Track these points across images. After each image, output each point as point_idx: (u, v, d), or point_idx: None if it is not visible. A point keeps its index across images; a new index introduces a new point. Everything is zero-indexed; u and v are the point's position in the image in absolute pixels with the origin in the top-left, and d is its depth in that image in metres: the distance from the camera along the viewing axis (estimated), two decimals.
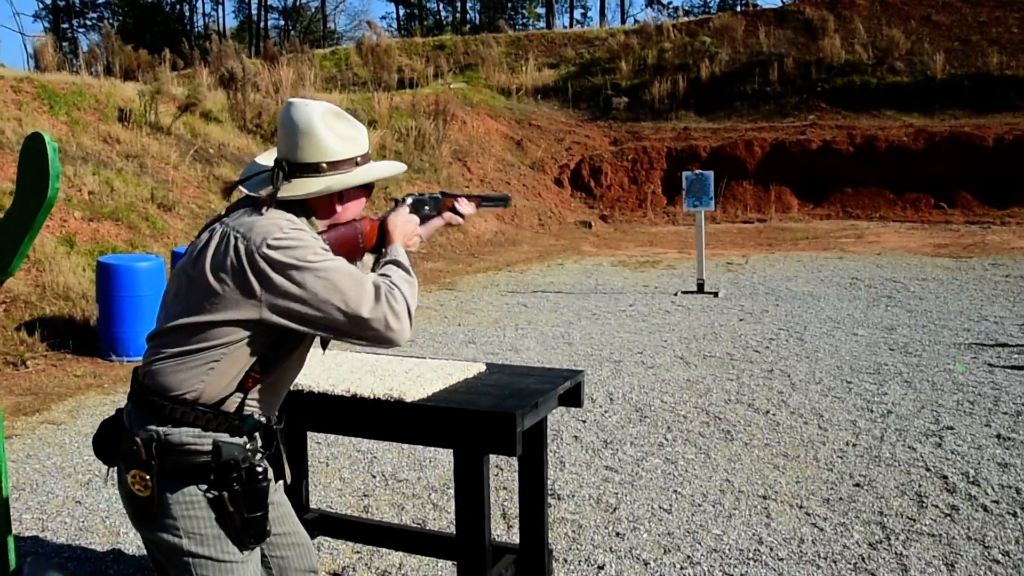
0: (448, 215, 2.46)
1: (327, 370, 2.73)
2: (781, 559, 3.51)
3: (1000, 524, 3.82)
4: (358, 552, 3.66)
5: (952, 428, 5.19)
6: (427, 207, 2.40)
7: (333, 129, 2.03)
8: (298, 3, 50.34)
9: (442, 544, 3.04)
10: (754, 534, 3.77)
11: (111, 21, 44.41)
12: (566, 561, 3.54)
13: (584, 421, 5.53)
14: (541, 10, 49.27)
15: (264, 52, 21.76)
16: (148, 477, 1.88)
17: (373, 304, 1.88)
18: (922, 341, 7.62)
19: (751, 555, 3.56)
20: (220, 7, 67.33)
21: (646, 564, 3.51)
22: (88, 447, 5.07)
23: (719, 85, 25.10)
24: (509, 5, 50.50)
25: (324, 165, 2.01)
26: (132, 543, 3.84)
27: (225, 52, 18.21)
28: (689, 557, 3.56)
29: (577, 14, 53.22)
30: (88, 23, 49.17)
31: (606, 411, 5.78)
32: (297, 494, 3.06)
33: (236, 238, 1.88)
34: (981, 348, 7.32)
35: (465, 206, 2.49)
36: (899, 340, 7.69)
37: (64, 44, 35.08)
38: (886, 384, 6.24)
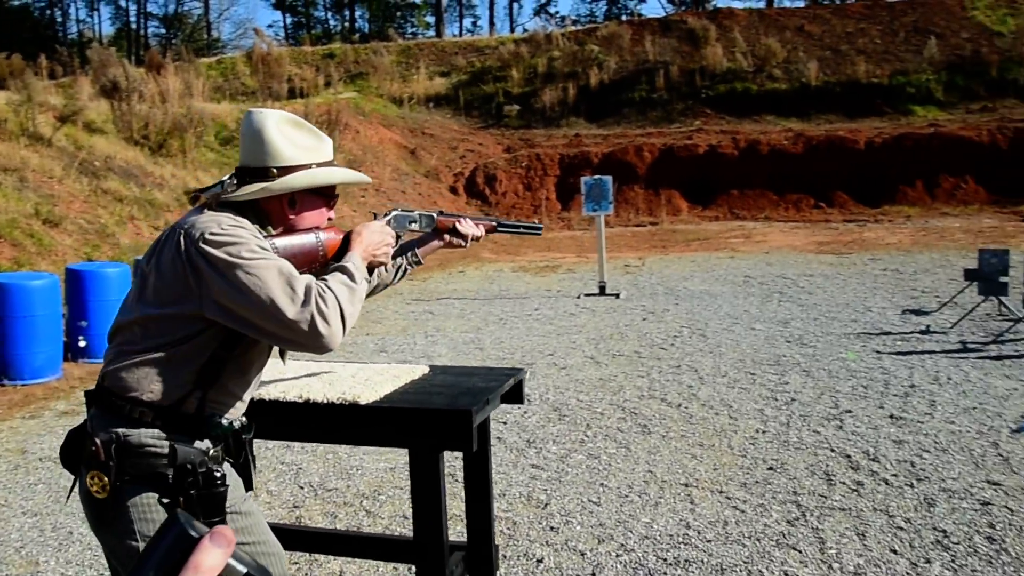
0: (448, 237, 2.44)
1: (273, 378, 2.74)
2: (709, 541, 3.70)
3: (900, 495, 4.12)
4: (296, 563, 3.65)
5: (850, 411, 5.54)
6: (415, 224, 2.35)
7: (288, 136, 2.06)
8: (179, 10, 48.77)
9: (397, 547, 3.08)
10: (681, 520, 3.95)
11: None
12: (505, 557, 3.63)
13: (505, 423, 5.63)
14: (431, 19, 49.35)
15: (148, 61, 21.03)
16: (106, 479, 1.85)
17: (300, 308, 1.83)
18: (815, 332, 8.07)
19: (681, 539, 3.73)
20: (96, 13, 64.45)
21: (582, 555, 3.63)
22: None
23: (608, 92, 25.73)
24: (398, 14, 50.36)
25: (274, 170, 2.02)
26: (54, 570, 3.72)
27: (107, 60, 17.55)
28: (623, 545, 3.70)
29: (467, 23, 53.59)
30: None
31: (525, 412, 5.90)
32: None
33: (180, 233, 1.90)
34: (868, 337, 7.81)
35: (469, 227, 2.45)
36: (794, 332, 8.12)
37: None
38: (787, 374, 6.60)
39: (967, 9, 25.78)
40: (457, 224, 2.43)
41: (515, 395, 2.98)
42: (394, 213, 2.33)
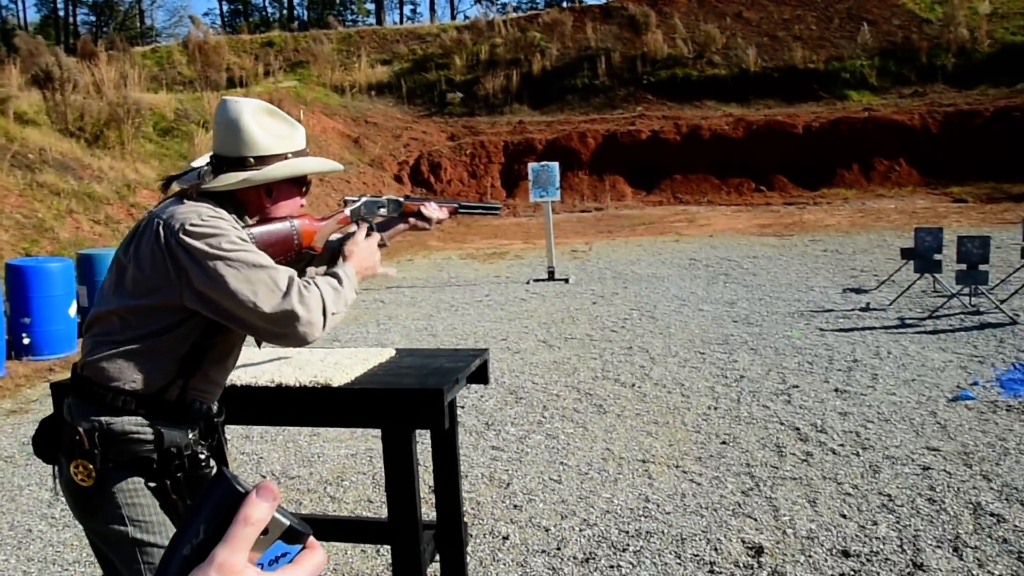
0: (413, 220, 2.47)
1: (242, 363, 2.75)
2: (668, 513, 3.82)
3: (847, 463, 4.30)
4: None
5: (797, 386, 5.73)
6: (383, 209, 2.40)
7: (263, 125, 2.07)
8: None
9: (369, 528, 3.13)
10: (640, 494, 4.06)
11: None
12: (472, 535, 3.70)
13: (463, 407, 5.69)
14: (370, 6, 48.84)
15: (80, 49, 20.47)
16: (91, 466, 1.87)
17: (279, 301, 1.85)
18: (760, 312, 8.29)
19: (641, 512, 3.84)
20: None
21: (547, 530, 3.73)
22: None
23: (551, 79, 25.84)
24: (338, 1, 49.71)
25: (251, 160, 2.04)
26: (15, 568, 3.68)
27: (37, 49, 17.03)
28: (585, 520, 3.81)
29: (407, 10, 53.15)
30: None
31: (482, 396, 5.97)
32: None
33: (159, 224, 1.90)
34: (811, 315, 8.05)
35: (433, 211, 2.49)
36: (740, 312, 8.33)
37: None
38: (735, 352, 6.78)
39: None
40: (422, 208, 2.47)
41: (480, 375, 3.04)
42: (364, 200, 2.36)
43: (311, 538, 0.75)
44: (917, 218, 15.69)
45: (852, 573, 3.17)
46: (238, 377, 2.61)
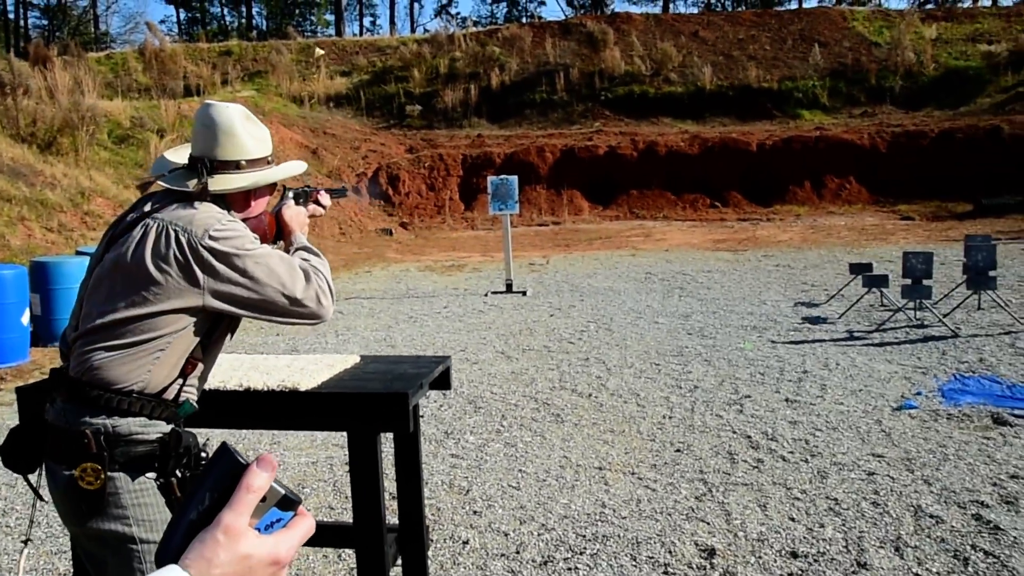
0: (312, 207, 2.64)
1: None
2: (624, 517, 3.92)
3: (796, 469, 4.45)
4: None
5: (749, 396, 5.89)
6: (302, 200, 2.59)
7: (248, 130, 2.18)
8: (63, 1, 46.61)
9: (332, 532, 3.18)
10: (597, 499, 4.16)
11: None
12: (432, 541, 3.76)
13: (423, 416, 5.75)
14: (330, 17, 48.70)
15: (32, 54, 20.15)
16: (100, 468, 1.90)
17: (305, 285, 2.05)
18: (714, 325, 8.47)
19: (598, 517, 3.94)
20: None
21: (506, 535, 3.80)
22: None
23: (509, 93, 26.02)
24: (297, 12, 49.50)
25: (243, 163, 2.15)
26: None
27: None
28: (543, 524, 3.89)
29: (367, 22, 53.09)
30: None
31: (441, 405, 6.04)
32: None
33: (176, 231, 1.97)
34: (764, 328, 8.26)
35: (325, 198, 2.69)
36: (695, 325, 8.50)
37: None
38: (689, 364, 6.93)
39: (848, 20, 27.18)
40: (319, 196, 2.66)
41: (443, 381, 3.12)
42: (292, 192, 2.53)
43: (302, 506, 0.83)
44: (866, 235, 16.11)
45: (800, 573, 3.30)
46: (207, 382, 2.66)
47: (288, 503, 0.82)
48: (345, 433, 2.88)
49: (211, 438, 5.18)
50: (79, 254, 9.53)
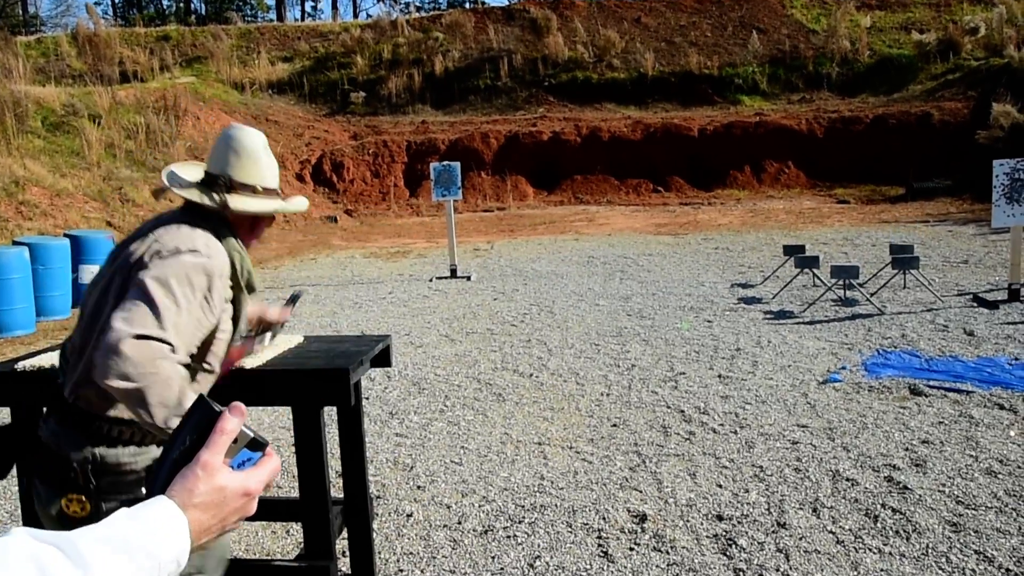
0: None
1: None
2: (561, 488, 4.10)
3: (726, 440, 4.67)
4: None
5: (684, 373, 6.12)
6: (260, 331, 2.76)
7: (269, 159, 2.26)
8: None
9: (279, 507, 3.29)
10: (536, 472, 4.33)
11: None
12: (377, 515, 3.89)
13: (367, 397, 5.86)
14: (271, 1, 48.00)
15: None
16: (86, 499, 1.94)
17: (143, 343, 1.81)
18: (653, 306, 8.71)
19: (536, 489, 4.11)
20: None
21: (448, 507, 3.95)
22: None
23: (453, 80, 26.03)
24: None
25: (260, 188, 2.21)
26: None
27: None
28: (484, 497, 4.05)
29: (308, 6, 52.40)
30: None
31: (386, 387, 6.15)
32: None
33: (159, 248, 2.00)
34: (701, 308, 8.51)
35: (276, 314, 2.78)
36: (635, 307, 8.73)
37: None
38: (628, 344, 7.14)
39: (787, 7, 27.71)
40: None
41: (384, 359, 3.25)
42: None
43: (269, 447, 0.97)
44: (803, 218, 16.56)
45: (724, 533, 3.51)
46: None
47: (257, 445, 0.96)
48: (291, 414, 2.99)
49: None
50: (15, 244, 9.39)
